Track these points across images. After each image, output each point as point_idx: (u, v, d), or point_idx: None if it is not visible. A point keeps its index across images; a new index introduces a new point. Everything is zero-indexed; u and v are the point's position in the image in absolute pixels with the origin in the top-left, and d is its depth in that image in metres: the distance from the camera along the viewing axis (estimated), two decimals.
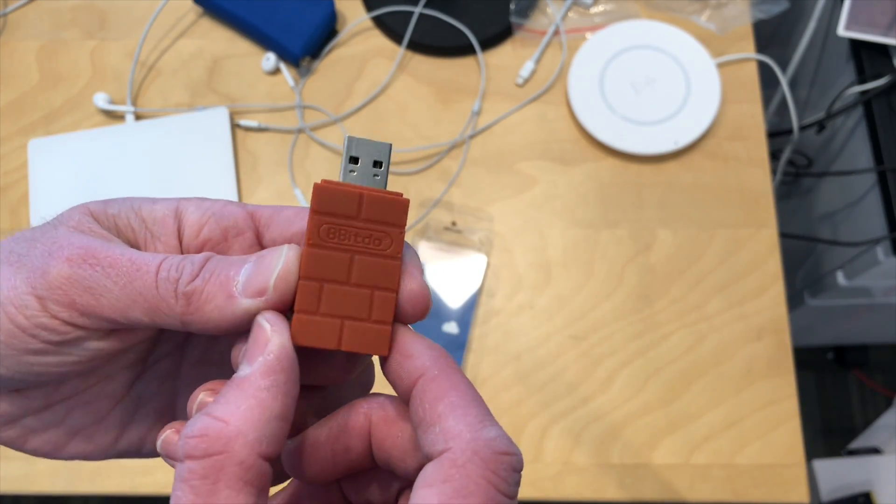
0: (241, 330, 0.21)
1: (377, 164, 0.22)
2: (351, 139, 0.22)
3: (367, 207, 0.22)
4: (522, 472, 0.20)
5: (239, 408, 0.19)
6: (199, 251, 0.23)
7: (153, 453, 0.25)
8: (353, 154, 0.22)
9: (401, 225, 0.22)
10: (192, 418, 0.19)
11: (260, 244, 0.24)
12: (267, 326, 0.21)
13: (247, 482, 0.18)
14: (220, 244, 0.24)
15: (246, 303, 0.21)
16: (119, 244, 0.22)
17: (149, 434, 0.25)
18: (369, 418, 0.23)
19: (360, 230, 0.22)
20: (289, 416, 0.20)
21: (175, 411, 0.26)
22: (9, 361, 0.20)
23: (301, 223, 0.23)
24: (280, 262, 0.21)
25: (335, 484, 0.24)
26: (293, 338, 0.21)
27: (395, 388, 0.22)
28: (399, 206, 0.22)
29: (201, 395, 0.21)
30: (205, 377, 0.25)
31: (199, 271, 0.21)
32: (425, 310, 0.23)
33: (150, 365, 0.26)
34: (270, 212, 0.24)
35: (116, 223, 0.23)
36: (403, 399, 0.21)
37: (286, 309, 0.21)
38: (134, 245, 0.23)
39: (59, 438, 0.24)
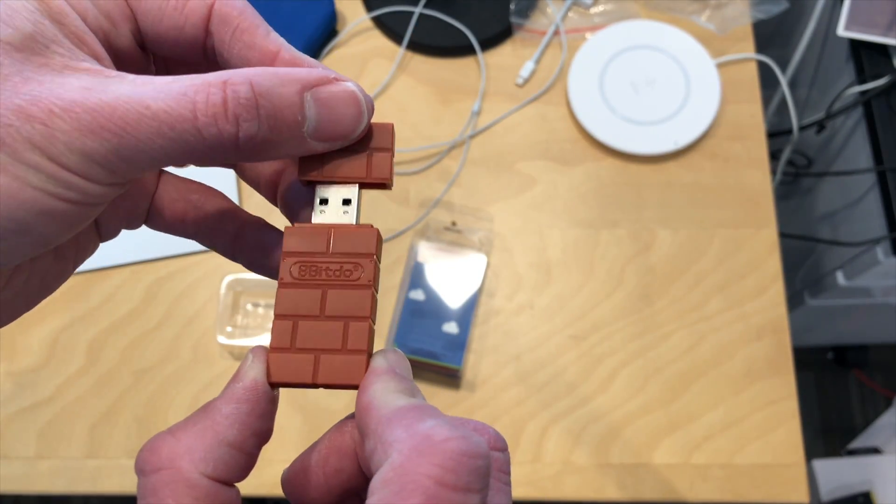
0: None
1: (346, 202, 0.23)
2: (318, 187, 0.23)
3: (336, 242, 0.22)
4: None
5: (194, 426, 0.19)
6: (100, 37, 0.20)
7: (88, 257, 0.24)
8: (323, 196, 0.23)
9: (370, 254, 0.22)
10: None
11: (139, 30, 0.21)
12: (249, 361, 0.21)
13: (195, 499, 0.18)
14: (111, 34, 0.20)
15: (321, 146, 0.20)
16: (104, 84, 0.18)
17: (91, 244, 0.23)
18: (353, 438, 0.22)
19: (330, 264, 0.22)
20: (245, 448, 0.19)
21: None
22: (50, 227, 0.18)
23: (185, 15, 0.20)
24: (363, 115, 0.20)
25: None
26: (269, 377, 0.21)
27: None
28: (367, 235, 0.22)
29: None
30: None
31: (258, 118, 0.19)
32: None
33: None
34: None
35: (46, 38, 0.18)
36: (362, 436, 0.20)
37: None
38: (76, 47, 0.19)
39: (33, 288, 0.21)
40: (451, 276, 0.65)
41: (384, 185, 0.23)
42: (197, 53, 0.21)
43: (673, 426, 0.62)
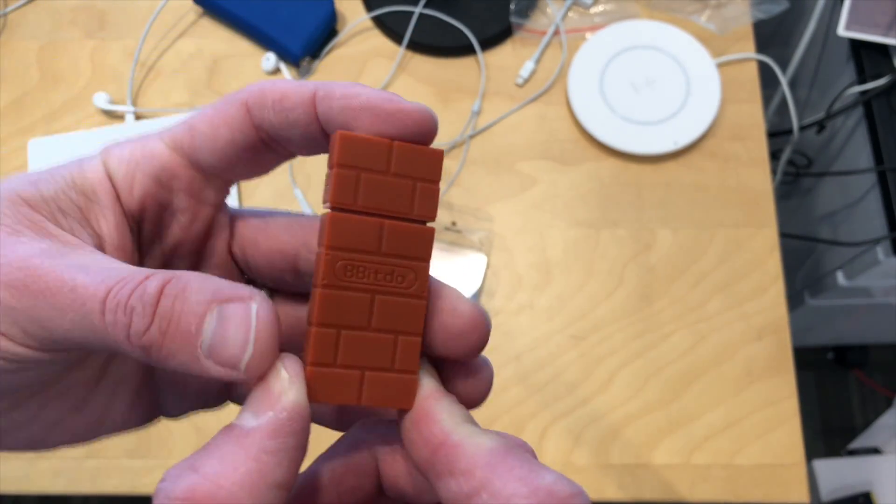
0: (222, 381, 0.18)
1: None
2: None
3: (388, 240, 0.19)
4: None
5: (237, 470, 0.16)
6: (140, 212, 0.20)
7: (139, 426, 0.23)
8: None
9: (426, 259, 0.19)
10: (174, 469, 0.17)
11: (199, 170, 0.21)
12: (285, 377, 0.18)
13: None
14: (160, 194, 0.20)
15: (217, 370, 0.17)
16: (63, 253, 0.18)
17: (131, 412, 0.23)
18: (375, 454, 0.21)
19: (380, 266, 0.19)
20: (290, 484, 0.17)
21: (155, 385, 0.23)
22: None
23: (228, 133, 0.19)
24: (249, 344, 0.17)
25: None
26: (310, 396, 0.18)
27: (410, 452, 0.19)
28: (423, 236, 0.19)
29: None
30: None
31: (153, 317, 0.17)
32: (481, 337, 0.20)
33: None
34: (187, 137, 0.20)
35: (58, 206, 0.19)
36: (421, 467, 0.19)
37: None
38: (83, 222, 0.20)
39: (36, 434, 0.21)
40: (451, 277, 0.65)
41: (425, 223, 0.20)
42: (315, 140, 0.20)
43: (673, 426, 0.62)
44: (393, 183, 0.19)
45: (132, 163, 0.20)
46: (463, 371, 0.21)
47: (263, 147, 0.20)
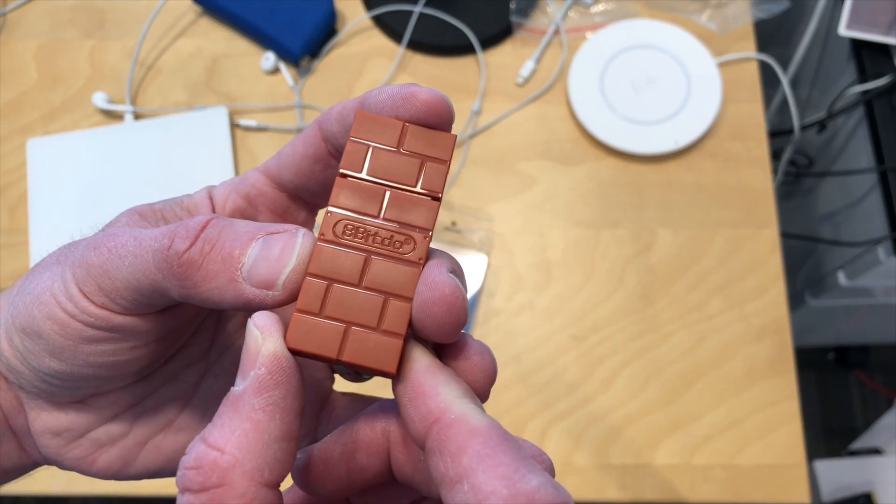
0: (249, 310, 0.19)
1: None
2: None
3: (390, 207, 0.20)
4: None
5: (234, 433, 0.17)
6: None
7: None
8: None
9: (427, 229, 0.20)
10: (192, 441, 0.18)
11: (283, 189, 0.24)
12: (256, 333, 0.18)
13: None
14: (247, 210, 0.24)
15: (251, 292, 0.19)
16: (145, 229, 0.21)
17: None
18: (387, 436, 0.21)
19: (380, 230, 0.20)
20: (293, 434, 0.18)
21: None
22: (67, 353, 0.20)
23: (303, 148, 0.23)
24: (293, 258, 0.19)
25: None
26: (287, 341, 0.18)
27: (408, 429, 0.19)
28: (426, 208, 0.20)
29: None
30: None
31: (195, 239, 0.19)
32: (454, 320, 0.19)
33: (213, 362, 0.24)
34: (275, 161, 0.24)
35: (163, 216, 0.23)
36: (418, 443, 0.18)
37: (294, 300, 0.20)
38: None
39: (128, 451, 0.23)
40: None
41: (434, 198, 0.20)
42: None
43: (674, 427, 0.62)
44: (402, 159, 0.20)
45: (230, 186, 0.24)
46: (452, 353, 0.20)
47: (332, 159, 0.23)
